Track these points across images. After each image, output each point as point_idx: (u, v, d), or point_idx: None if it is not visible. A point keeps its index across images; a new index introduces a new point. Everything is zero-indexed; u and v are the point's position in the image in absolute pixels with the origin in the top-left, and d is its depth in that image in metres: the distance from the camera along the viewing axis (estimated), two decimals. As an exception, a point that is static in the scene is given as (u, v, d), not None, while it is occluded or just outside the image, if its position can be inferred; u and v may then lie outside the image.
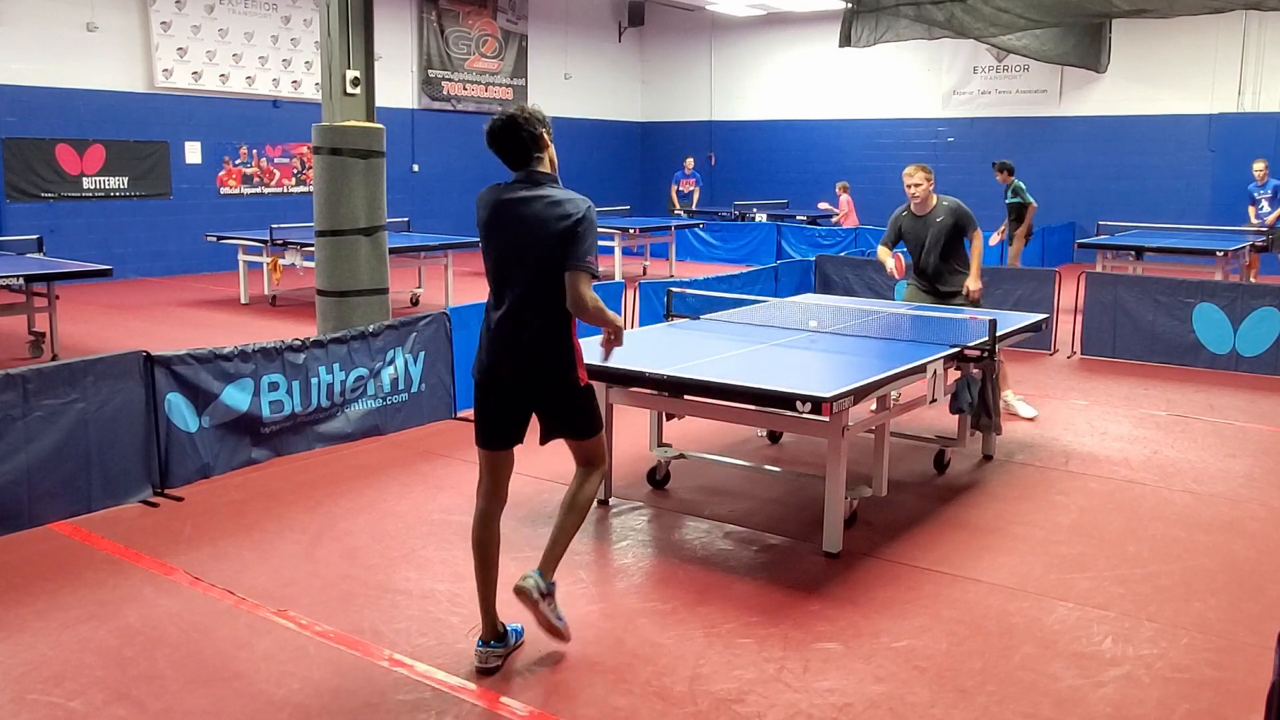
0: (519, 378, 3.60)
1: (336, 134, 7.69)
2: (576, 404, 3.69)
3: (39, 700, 3.40)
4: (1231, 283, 9.75)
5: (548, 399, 3.65)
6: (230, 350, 5.71)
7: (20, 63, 12.87)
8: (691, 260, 16.97)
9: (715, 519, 5.19)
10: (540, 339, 3.56)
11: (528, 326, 3.55)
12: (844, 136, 19.94)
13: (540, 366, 3.59)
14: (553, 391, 3.64)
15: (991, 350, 5.52)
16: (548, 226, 3.50)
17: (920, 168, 6.92)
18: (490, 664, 3.64)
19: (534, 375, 3.60)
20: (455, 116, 18.56)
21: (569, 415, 3.71)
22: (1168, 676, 3.64)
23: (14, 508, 4.81)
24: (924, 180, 6.86)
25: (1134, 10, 10.34)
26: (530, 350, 3.56)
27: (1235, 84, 16.35)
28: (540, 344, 3.56)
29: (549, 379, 3.62)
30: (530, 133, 3.57)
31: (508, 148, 3.60)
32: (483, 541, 3.71)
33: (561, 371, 3.60)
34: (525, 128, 3.56)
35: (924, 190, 6.86)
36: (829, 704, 3.42)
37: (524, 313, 3.56)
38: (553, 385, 3.63)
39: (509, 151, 3.60)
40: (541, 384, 3.62)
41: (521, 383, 3.61)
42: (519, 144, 3.58)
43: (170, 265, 14.57)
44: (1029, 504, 5.45)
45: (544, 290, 3.53)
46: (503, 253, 3.59)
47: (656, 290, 8.73)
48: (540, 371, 3.60)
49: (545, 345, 3.56)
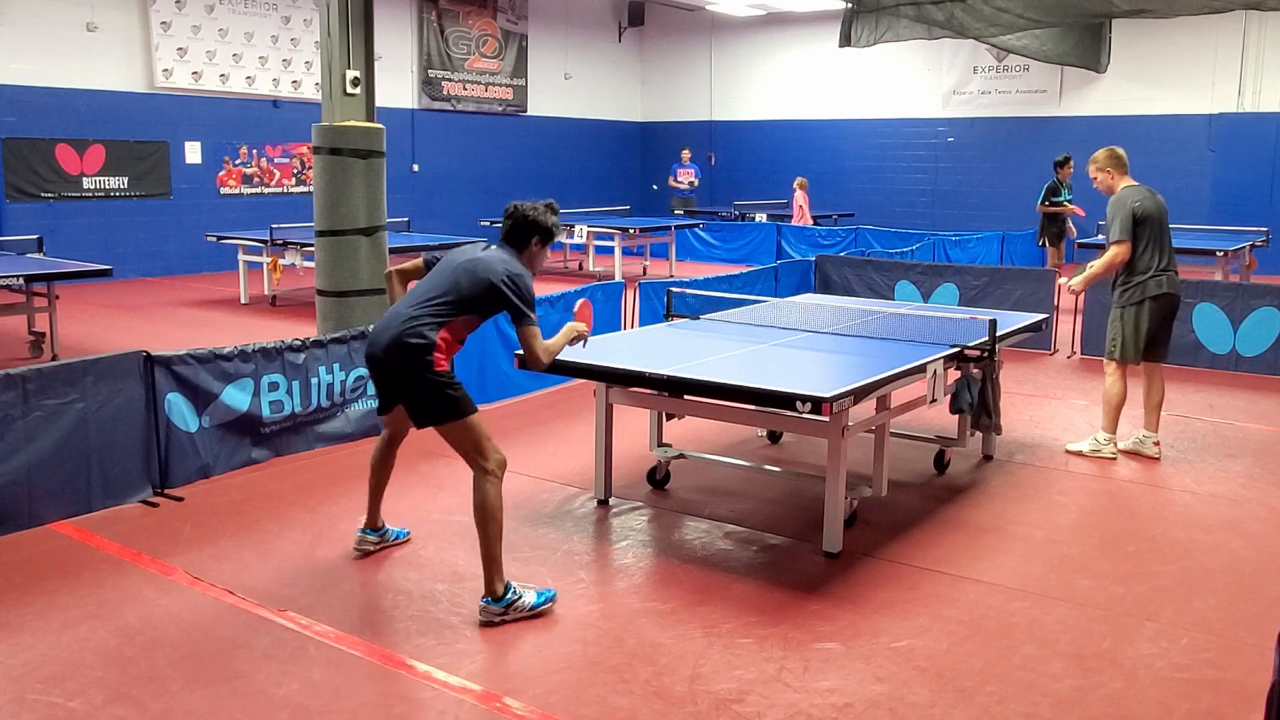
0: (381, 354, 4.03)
1: (336, 134, 7.69)
2: (420, 390, 3.99)
3: (39, 700, 3.40)
4: (1231, 283, 9.75)
5: (397, 379, 4.03)
6: (230, 350, 5.71)
7: (20, 63, 12.87)
8: (691, 260, 16.96)
9: (715, 519, 5.19)
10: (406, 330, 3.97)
11: (402, 320, 4.00)
12: (844, 136, 19.94)
13: (397, 350, 3.96)
14: (401, 373, 4.00)
15: (991, 350, 5.52)
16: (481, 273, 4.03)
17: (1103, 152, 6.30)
18: (364, 548, 4.59)
19: (392, 356, 3.99)
20: (455, 116, 18.57)
21: (411, 398, 4.04)
22: (1168, 676, 3.64)
23: (14, 508, 4.81)
24: (1094, 172, 6.31)
25: (1134, 10, 10.34)
26: (395, 335, 3.99)
27: (1235, 84, 16.35)
28: (405, 333, 3.97)
29: (403, 361, 3.97)
30: (523, 229, 4.17)
31: (508, 227, 4.23)
32: (376, 459, 4.58)
33: (413, 356, 3.94)
34: (521, 226, 4.18)
35: (1100, 182, 6.30)
36: (829, 704, 3.42)
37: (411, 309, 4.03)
38: (403, 368, 3.98)
39: (507, 229, 4.22)
40: (397, 364, 3.99)
41: (382, 360, 4.04)
42: (515, 230, 4.20)
43: (170, 265, 14.57)
44: (1029, 504, 5.45)
45: (436, 305, 4.00)
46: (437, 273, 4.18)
47: (656, 290, 8.73)
48: (397, 353, 3.97)
49: (408, 334, 3.96)
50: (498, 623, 3.93)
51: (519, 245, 4.18)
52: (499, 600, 3.96)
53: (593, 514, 5.25)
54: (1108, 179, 6.28)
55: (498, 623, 3.93)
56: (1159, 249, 6.12)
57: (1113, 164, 6.26)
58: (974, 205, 18.46)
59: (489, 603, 3.97)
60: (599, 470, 5.37)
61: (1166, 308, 6.16)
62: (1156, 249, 6.11)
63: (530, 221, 4.15)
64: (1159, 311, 6.13)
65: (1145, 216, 6.06)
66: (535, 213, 4.15)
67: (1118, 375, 6.23)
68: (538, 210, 4.16)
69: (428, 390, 3.96)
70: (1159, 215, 6.15)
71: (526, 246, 4.18)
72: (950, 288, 10.27)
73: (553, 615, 4.06)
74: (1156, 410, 6.32)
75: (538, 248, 4.21)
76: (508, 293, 3.96)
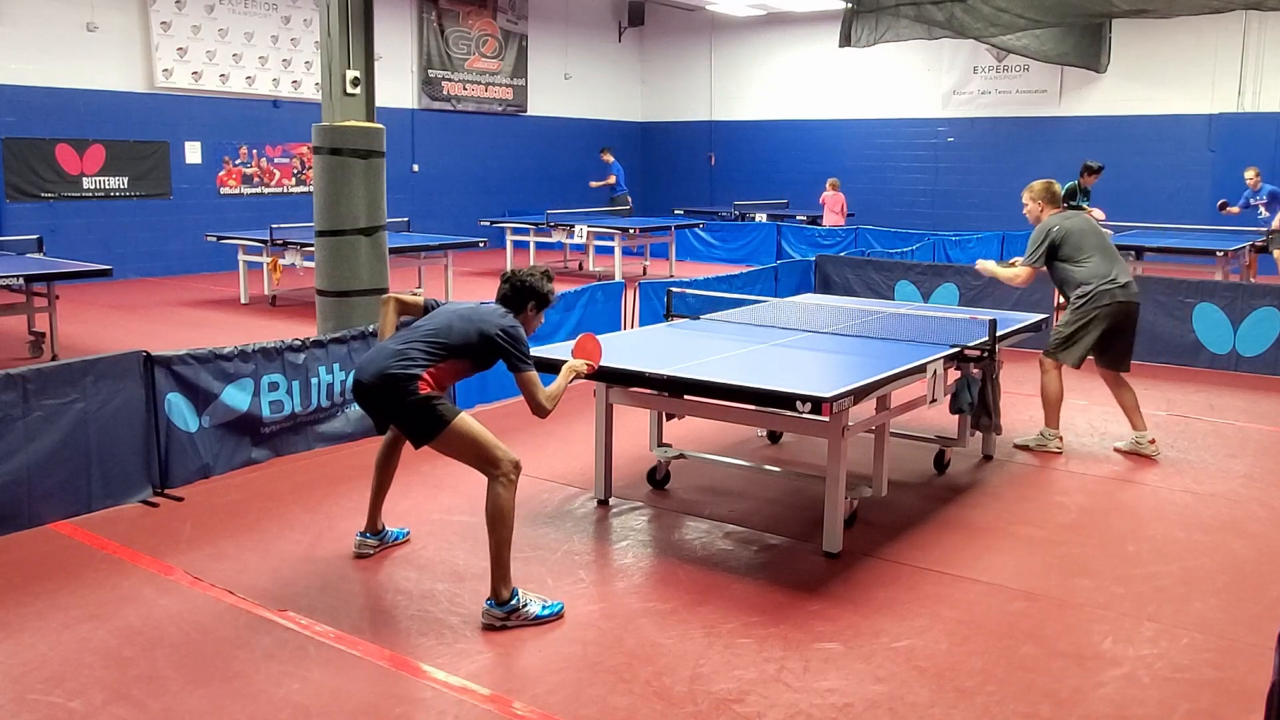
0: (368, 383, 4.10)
1: (336, 134, 7.69)
2: (406, 411, 4.04)
3: (39, 700, 3.40)
4: (1231, 283, 9.76)
5: (383, 406, 4.10)
6: (230, 350, 5.71)
7: (20, 63, 12.87)
8: (691, 260, 16.96)
9: (715, 519, 5.19)
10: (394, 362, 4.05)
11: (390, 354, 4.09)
12: (844, 136, 19.94)
13: (384, 379, 4.03)
14: (387, 400, 4.06)
15: (991, 350, 5.52)
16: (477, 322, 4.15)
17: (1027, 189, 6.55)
18: (364, 551, 4.63)
19: (378, 385, 4.06)
20: (455, 116, 18.57)
21: (400, 421, 4.11)
22: (1168, 676, 3.64)
23: (14, 508, 4.81)
24: (1026, 200, 6.51)
25: (1134, 10, 10.34)
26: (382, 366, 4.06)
27: (1235, 84, 16.35)
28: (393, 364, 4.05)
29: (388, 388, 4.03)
30: (521, 295, 4.30)
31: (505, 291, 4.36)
32: (380, 459, 4.67)
33: (397, 384, 4.01)
34: (519, 292, 4.31)
35: (1029, 210, 6.51)
36: (829, 704, 3.42)
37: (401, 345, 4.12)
38: (388, 396, 4.04)
39: (504, 293, 4.35)
40: (382, 392, 4.05)
41: (369, 389, 4.10)
42: (512, 295, 4.33)
43: (170, 265, 14.57)
44: (1029, 504, 5.45)
45: (427, 344, 4.09)
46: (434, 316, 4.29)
47: (656, 290, 8.73)
48: (383, 382, 4.04)
49: (395, 365, 4.04)
50: (499, 627, 3.93)
51: (515, 309, 4.32)
52: (503, 605, 3.97)
53: (593, 514, 5.25)
54: (1037, 209, 6.45)
55: (499, 627, 3.93)
56: (1106, 257, 6.23)
57: (1045, 197, 6.44)
58: (974, 205, 18.46)
59: (492, 605, 3.98)
60: (599, 470, 5.37)
61: (1122, 313, 6.19)
62: (1103, 258, 6.21)
63: (528, 288, 4.30)
64: (1113, 317, 6.16)
65: (1065, 234, 6.22)
66: (533, 279, 4.31)
67: (1054, 374, 6.35)
68: (535, 277, 4.32)
69: (412, 410, 4.01)
70: (1089, 228, 6.29)
71: (523, 311, 4.33)
72: (950, 288, 10.27)
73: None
74: (1135, 411, 6.35)
75: (533, 313, 4.36)
76: (503, 343, 4.09)
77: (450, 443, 4.04)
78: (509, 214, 17.90)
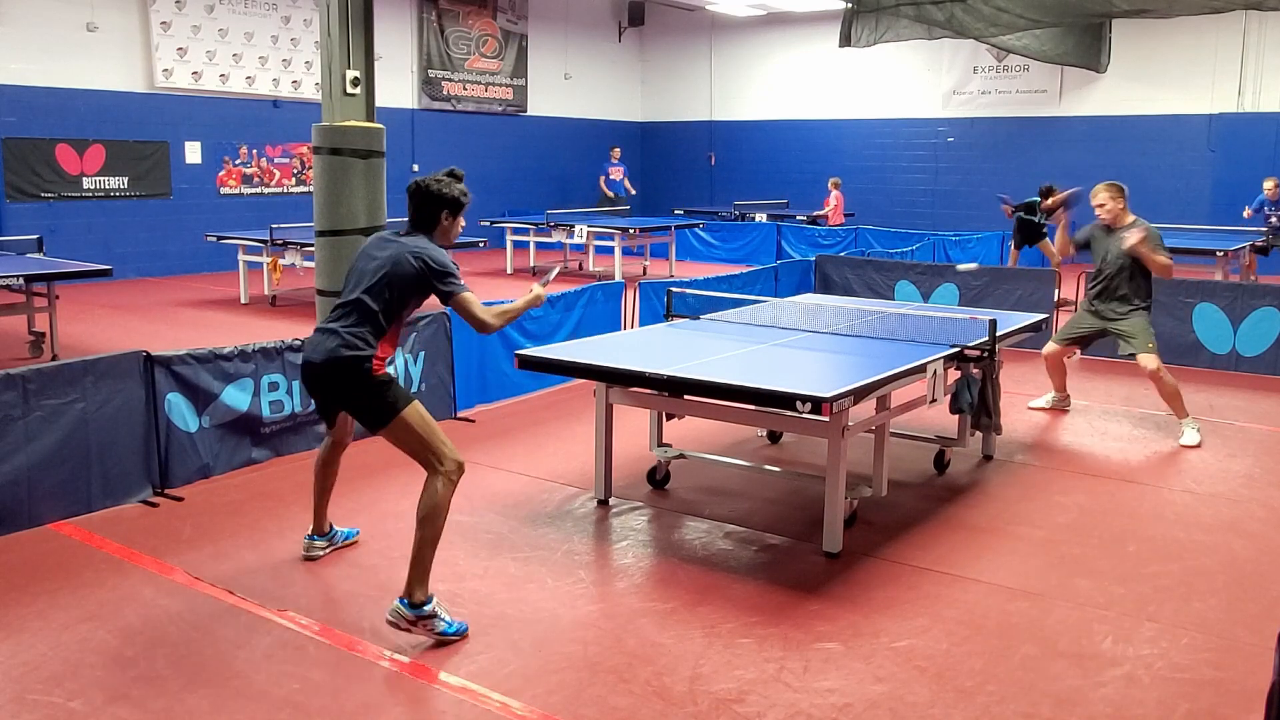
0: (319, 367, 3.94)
1: (336, 134, 7.69)
2: (361, 397, 3.90)
3: (39, 700, 3.40)
4: (1231, 283, 9.75)
5: (335, 390, 3.95)
6: (230, 350, 5.71)
7: (20, 63, 12.86)
8: (691, 260, 16.96)
9: (715, 519, 5.19)
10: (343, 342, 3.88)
11: (334, 334, 3.92)
12: (844, 136, 19.94)
13: (335, 363, 3.88)
14: (339, 384, 3.92)
15: (991, 350, 5.52)
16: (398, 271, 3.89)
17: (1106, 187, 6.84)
18: (313, 553, 4.53)
19: (329, 368, 3.90)
20: (455, 116, 18.57)
21: (354, 407, 3.97)
22: (1168, 676, 3.64)
23: (14, 508, 4.81)
24: (1107, 200, 6.81)
25: (1134, 10, 10.34)
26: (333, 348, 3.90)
27: (1235, 84, 16.35)
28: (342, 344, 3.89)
29: (341, 372, 3.89)
30: (428, 206, 4.00)
31: (412, 209, 4.04)
32: (321, 460, 4.54)
33: (351, 368, 3.87)
34: (426, 203, 4.00)
35: (1110, 210, 6.81)
36: (829, 704, 3.42)
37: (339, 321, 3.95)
38: (341, 379, 3.89)
39: (412, 212, 4.04)
40: (333, 376, 3.91)
41: (320, 372, 3.95)
42: (419, 210, 4.02)
43: (170, 265, 14.57)
44: (1029, 504, 5.45)
45: (362, 308, 3.90)
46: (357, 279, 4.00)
47: (656, 290, 8.73)
48: (335, 366, 3.88)
49: (345, 345, 3.88)
50: (404, 628, 3.77)
51: (428, 226, 4.02)
52: (414, 607, 3.77)
53: (593, 514, 5.25)
54: (1118, 208, 6.85)
55: (404, 628, 3.77)
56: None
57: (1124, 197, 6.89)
58: (974, 205, 18.45)
59: (404, 605, 3.78)
60: (599, 470, 5.37)
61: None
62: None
63: (434, 195, 3.97)
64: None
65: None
66: (439, 185, 3.98)
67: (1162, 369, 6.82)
68: (441, 182, 3.99)
69: (367, 395, 3.87)
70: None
71: (436, 224, 4.02)
72: (950, 288, 10.26)
73: (553, 615, 4.06)
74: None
75: (449, 221, 4.04)
76: (423, 272, 3.86)
77: (398, 432, 3.89)
78: (509, 214, 17.90)
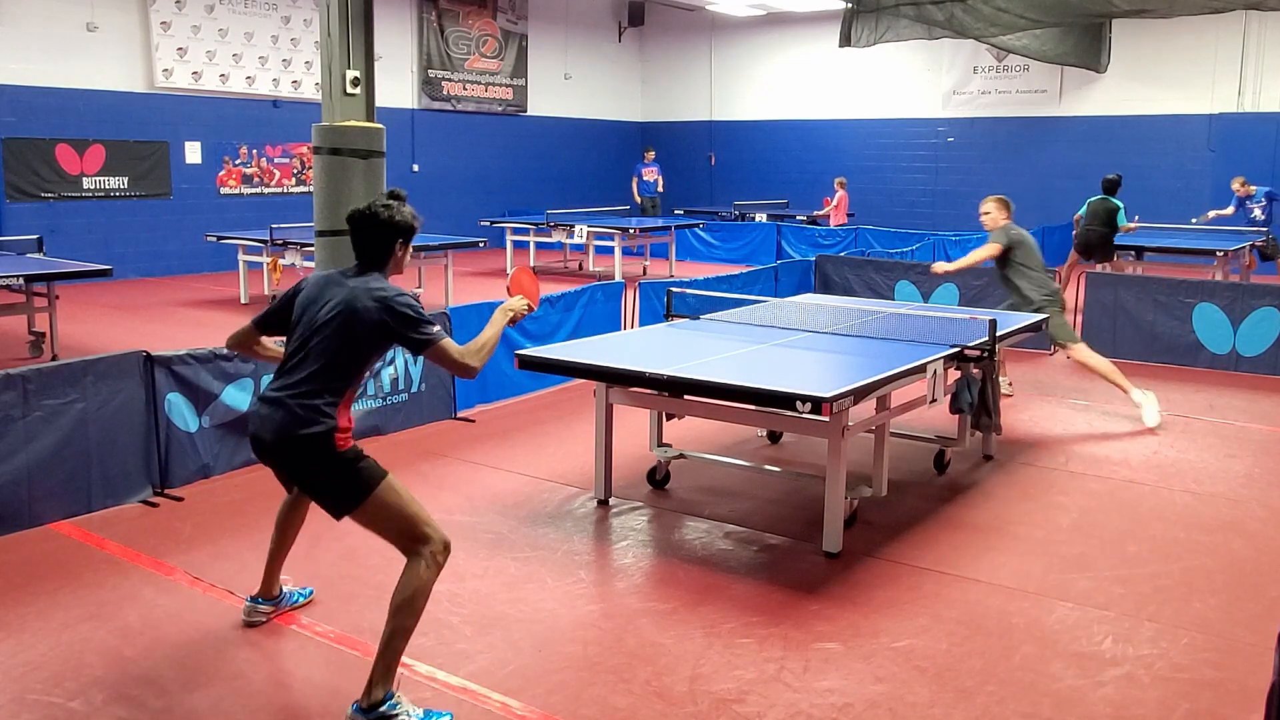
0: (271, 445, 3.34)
1: (336, 134, 7.69)
2: (326, 477, 3.30)
3: (39, 700, 3.40)
4: (1231, 283, 9.75)
5: (296, 468, 3.36)
6: (230, 350, 5.69)
7: (20, 63, 12.86)
8: (691, 260, 16.96)
9: (715, 519, 5.19)
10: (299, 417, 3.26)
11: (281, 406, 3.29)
12: (844, 136, 19.94)
13: (292, 442, 3.27)
14: (300, 463, 3.32)
15: (991, 350, 5.52)
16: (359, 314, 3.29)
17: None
18: (254, 619, 3.92)
19: (286, 448, 3.30)
20: (455, 116, 18.57)
21: (317, 488, 3.35)
22: (1168, 676, 3.64)
23: (14, 508, 4.81)
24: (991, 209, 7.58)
25: (1134, 10, 10.35)
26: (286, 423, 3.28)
27: (1235, 84, 16.35)
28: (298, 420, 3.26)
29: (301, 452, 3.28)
30: (381, 238, 3.44)
31: (361, 241, 3.47)
32: (282, 515, 3.91)
33: (312, 446, 3.26)
34: (377, 233, 3.43)
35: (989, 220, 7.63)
36: (829, 704, 3.42)
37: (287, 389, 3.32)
38: (302, 458, 3.30)
39: (361, 244, 3.47)
40: (292, 456, 3.31)
41: (273, 451, 3.35)
42: (370, 243, 3.46)
43: (170, 265, 14.56)
44: (1029, 504, 5.45)
45: (314, 370, 3.30)
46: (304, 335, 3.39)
47: (656, 290, 8.73)
48: (293, 446, 3.28)
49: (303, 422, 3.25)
50: None
51: (380, 260, 3.46)
52: (370, 709, 3.16)
53: (593, 514, 5.25)
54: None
55: None
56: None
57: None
58: (974, 205, 18.30)
59: (356, 711, 3.18)
60: (599, 470, 5.37)
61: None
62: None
63: (387, 224, 3.43)
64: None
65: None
66: (389, 212, 3.43)
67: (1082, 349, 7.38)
68: (390, 208, 3.44)
69: (330, 476, 3.29)
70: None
71: (389, 256, 3.48)
72: (950, 288, 10.26)
73: (553, 615, 4.06)
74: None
75: (402, 251, 3.52)
76: (390, 321, 3.29)
77: (372, 514, 3.29)
78: (509, 214, 17.90)
